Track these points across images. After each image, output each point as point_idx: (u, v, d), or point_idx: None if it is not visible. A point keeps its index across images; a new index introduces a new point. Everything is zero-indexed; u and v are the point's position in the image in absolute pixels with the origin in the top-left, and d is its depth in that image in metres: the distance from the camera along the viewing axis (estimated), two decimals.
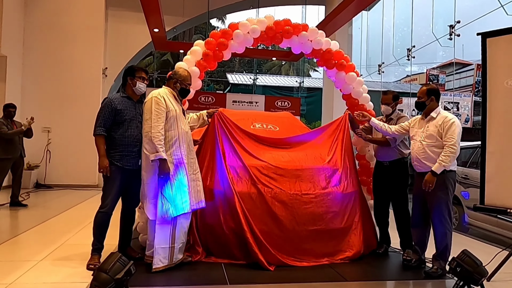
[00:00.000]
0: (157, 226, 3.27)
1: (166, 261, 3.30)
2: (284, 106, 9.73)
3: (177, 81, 3.49)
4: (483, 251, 3.79)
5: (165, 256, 3.29)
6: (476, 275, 2.90)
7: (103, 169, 3.33)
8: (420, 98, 3.62)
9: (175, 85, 3.49)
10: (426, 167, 3.48)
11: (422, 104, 3.61)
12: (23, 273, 3.17)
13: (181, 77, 3.50)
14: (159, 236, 3.27)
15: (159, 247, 3.27)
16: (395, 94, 4.14)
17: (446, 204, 3.44)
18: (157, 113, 3.21)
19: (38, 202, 6.88)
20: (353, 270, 3.58)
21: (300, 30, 4.40)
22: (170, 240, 3.31)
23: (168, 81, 3.52)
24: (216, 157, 3.73)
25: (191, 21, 11.33)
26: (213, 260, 3.59)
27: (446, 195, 3.44)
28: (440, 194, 3.43)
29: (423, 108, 3.62)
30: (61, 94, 9.11)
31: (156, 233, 3.27)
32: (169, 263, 3.32)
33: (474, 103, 17.62)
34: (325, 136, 4.24)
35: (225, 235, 3.56)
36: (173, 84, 3.49)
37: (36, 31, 9.08)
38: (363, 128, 4.29)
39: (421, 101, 3.61)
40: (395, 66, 13.93)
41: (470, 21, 9.54)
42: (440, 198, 3.43)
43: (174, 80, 3.49)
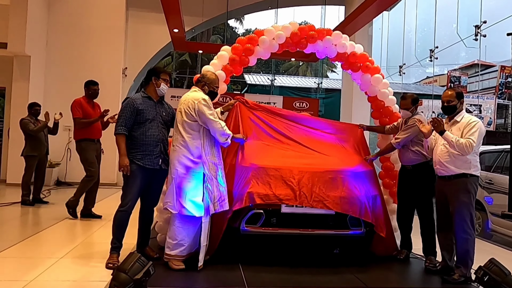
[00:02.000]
0: (203, 225, 3.32)
1: (202, 259, 3.37)
2: (303, 107, 9.65)
3: (205, 84, 3.55)
4: (507, 259, 3.65)
5: (204, 253, 3.38)
6: (504, 285, 2.80)
7: (123, 168, 3.35)
8: (451, 102, 3.53)
9: (203, 87, 3.54)
10: (449, 171, 3.43)
11: (453, 108, 3.53)
12: (43, 271, 3.21)
13: (209, 80, 3.56)
14: (204, 234, 3.34)
15: (203, 245, 3.34)
16: (414, 98, 4.06)
17: (467, 209, 3.36)
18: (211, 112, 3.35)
19: (58, 200, 6.98)
20: (373, 276, 3.51)
21: (324, 34, 4.39)
22: (208, 238, 3.40)
23: (197, 84, 3.58)
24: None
25: (209, 21, 11.37)
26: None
27: (468, 199, 3.37)
28: (462, 198, 3.36)
29: (453, 111, 3.54)
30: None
31: (202, 231, 3.32)
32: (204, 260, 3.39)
33: (498, 105, 17.16)
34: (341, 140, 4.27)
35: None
36: (201, 87, 3.54)
37: (59, 32, 9.28)
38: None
39: (452, 104, 3.52)
40: (415, 67, 13.67)
41: (496, 22, 9.26)
42: (461, 202, 3.37)
43: (202, 83, 3.55)
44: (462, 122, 3.45)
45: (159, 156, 3.47)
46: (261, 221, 3.48)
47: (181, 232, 3.35)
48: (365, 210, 3.60)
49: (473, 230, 3.40)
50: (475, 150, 3.37)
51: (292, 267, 3.56)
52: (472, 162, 3.39)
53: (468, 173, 3.37)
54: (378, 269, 3.73)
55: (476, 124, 3.36)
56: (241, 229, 3.49)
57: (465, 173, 3.38)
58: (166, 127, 3.61)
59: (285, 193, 3.49)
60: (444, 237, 3.61)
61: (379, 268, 3.75)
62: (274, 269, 3.47)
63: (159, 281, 3.00)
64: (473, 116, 3.47)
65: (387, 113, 4.66)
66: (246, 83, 19.21)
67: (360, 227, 3.63)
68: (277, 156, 3.81)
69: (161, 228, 3.94)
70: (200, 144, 3.33)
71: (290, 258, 3.77)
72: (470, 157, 3.37)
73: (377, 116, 4.77)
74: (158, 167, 3.47)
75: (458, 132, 3.41)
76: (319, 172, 3.63)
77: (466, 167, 3.37)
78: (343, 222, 3.59)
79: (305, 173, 3.58)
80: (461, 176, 3.39)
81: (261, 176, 3.54)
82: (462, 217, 3.35)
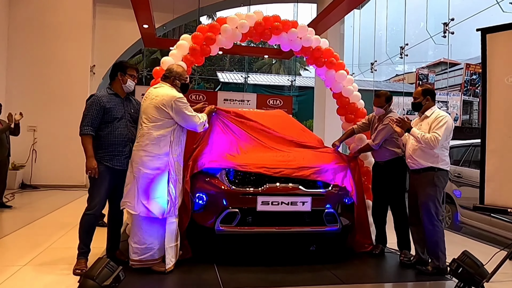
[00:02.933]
0: (167, 226, 3.21)
1: (173, 259, 3.26)
2: (276, 104, 9.63)
3: (175, 78, 3.41)
4: (477, 250, 3.73)
5: (173, 255, 3.26)
6: (477, 277, 2.84)
7: (91, 171, 3.17)
8: (416, 98, 3.62)
9: (174, 82, 3.40)
10: (418, 164, 3.50)
11: (419, 105, 3.61)
12: (4, 280, 3.00)
13: (178, 74, 3.42)
14: (169, 235, 3.22)
15: (169, 247, 3.22)
16: (388, 96, 4.08)
17: (433, 202, 3.42)
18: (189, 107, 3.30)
19: (23, 203, 6.66)
20: (350, 272, 3.50)
21: (289, 26, 4.33)
22: (175, 238, 3.28)
23: (165, 80, 3.42)
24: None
25: (181, 18, 11.17)
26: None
27: (434, 192, 3.43)
28: (428, 191, 3.44)
29: (419, 108, 3.62)
30: (47, 92, 8.88)
31: (166, 232, 3.21)
32: (175, 261, 3.28)
33: (463, 102, 17.78)
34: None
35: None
36: (171, 82, 3.40)
37: (21, 28, 8.85)
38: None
39: (417, 101, 3.61)
40: (386, 64, 13.95)
41: (464, 19, 9.56)
42: (427, 195, 3.43)
43: (171, 78, 3.41)
44: (431, 117, 3.51)
45: (129, 157, 3.31)
46: (237, 220, 3.40)
47: (150, 234, 3.21)
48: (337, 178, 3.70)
49: (440, 222, 3.46)
50: (443, 144, 3.43)
51: (268, 266, 3.51)
52: (440, 156, 3.45)
53: (436, 167, 3.43)
54: (354, 264, 3.73)
55: (443, 119, 3.41)
56: (216, 229, 3.39)
57: (432, 167, 3.44)
58: (135, 125, 3.41)
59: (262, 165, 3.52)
60: (415, 230, 3.67)
61: (355, 263, 3.76)
62: (250, 269, 3.40)
63: (130, 286, 2.86)
64: (443, 112, 3.53)
65: (352, 110, 4.67)
66: (219, 81, 19.06)
67: (336, 223, 3.61)
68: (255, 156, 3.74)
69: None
70: (169, 143, 3.22)
71: (266, 257, 3.72)
72: (438, 151, 3.42)
73: (343, 112, 4.78)
74: (127, 168, 3.31)
75: (427, 126, 3.48)
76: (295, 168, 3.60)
77: (434, 161, 3.43)
78: (319, 219, 3.56)
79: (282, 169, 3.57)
80: (429, 169, 3.46)
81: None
82: (428, 210, 3.42)
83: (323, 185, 3.66)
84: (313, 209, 3.52)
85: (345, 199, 3.73)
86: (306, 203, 3.51)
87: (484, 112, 3.57)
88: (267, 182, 3.51)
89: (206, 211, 3.45)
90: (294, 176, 3.55)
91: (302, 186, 3.56)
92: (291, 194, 3.51)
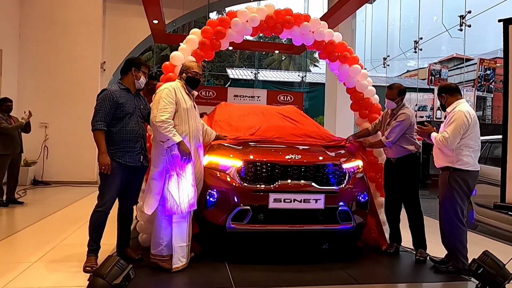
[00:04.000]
0: (175, 224, 3.15)
1: (184, 260, 3.21)
2: (287, 100, 9.54)
3: (183, 71, 3.37)
4: (496, 250, 3.60)
5: (183, 255, 3.20)
6: (499, 278, 2.73)
7: (104, 167, 3.11)
8: (439, 100, 3.61)
9: (181, 75, 3.36)
10: (438, 164, 3.44)
11: (442, 106, 3.58)
12: (15, 276, 2.99)
13: (186, 67, 3.38)
14: (177, 234, 3.16)
15: (178, 246, 3.16)
16: (401, 89, 3.94)
17: (451, 202, 3.32)
18: (164, 103, 3.11)
19: (35, 200, 6.70)
20: (364, 272, 3.41)
21: (301, 20, 4.21)
22: (187, 238, 3.22)
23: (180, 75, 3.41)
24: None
25: (190, 14, 11.11)
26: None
27: (450, 193, 3.33)
28: (445, 192, 3.36)
29: (444, 108, 3.56)
30: (58, 89, 8.92)
31: (174, 231, 3.15)
32: (187, 261, 3.23)
33: (477, 97, 17.45)
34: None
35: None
36: (180, 76, 3.37)
37: (33, 25, 8.90)
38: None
39: (441, 102, 3.59)
40: (398, 60, 13.72)
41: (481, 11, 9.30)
42: (444, 196, 3.36)
43: (180, 71, 3.39)
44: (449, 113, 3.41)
45: (141, 153, 3.28)
46: (248, 217, 3.33)
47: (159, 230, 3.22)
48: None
49: (461, 223, 3.33)
50: (465, 143, 3.28)
51: (280, 264, 3.44)
52: (456, 155, 3.30)
53: (452, 167, 3.31)
54: (368, 264, 3.64)
55: (453, 116, 3.29)
56: (227, 226, 3.33)
57: (448, 167, 3.34)
58: (144, 121, 3.40)
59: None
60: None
61: (369, 263, 3.67)
62: (261, 267, 3.34)
63: (141, 285, 2.82)
64: (461, 106, 3.32)
65: (367, 105, 4.53)
66: (229, 78, 19.00)
67: (350, 221, 3.52)
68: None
69: (142, 227, 3.74)
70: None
71: (278, 255, 3.66)
72: (457, 150, 3.29)
73: (356, 108, 4.66)
74: (140, 164, 3.28)
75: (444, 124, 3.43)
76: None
77: (450, 161, 3.32)
78: (332, 217, 3.48)
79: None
80: (445, 169, 3.38)
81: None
82: (445, 210, 3.34)
83: (336, 182, 3.57)
84: (326, 206, 3.44)
85: (359, 196, 3.63)
86: (319, 200, 3.42)
87: (506, 107, 3.44)
88: (279, 179, 3.43)
89: (217, 208, 3.39)
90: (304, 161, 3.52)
91: (315, 183, 3.47)
92: (304, 191, 3.43)
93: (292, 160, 3.51)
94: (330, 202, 3.45)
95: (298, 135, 4.12)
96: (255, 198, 3.35)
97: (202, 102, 9.54)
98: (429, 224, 4.02)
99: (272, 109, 4.95)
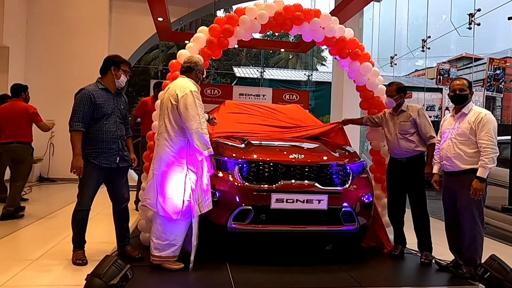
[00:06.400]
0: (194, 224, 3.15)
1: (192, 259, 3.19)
2: (292, 99, 9.46)
3: (199, 71, 3.30)
4: (504, 253, 3.54)
5: (194, 254, 3.19)
6: (506, 283, 2.66)
7: (76, 170, 3.10)
8: (463, 90, 3.33)
9: (197, 75, 3.29)
10: (456, 167, 3.28)
11: (465, 97, 3.33)
12: (15, 274, 2.98)
13: (201, 66, 3.32)
14: (195, 233, 3.16)
15: (194, 245, 3.16)
16: (400, 87, 3.87)
17: (476, 206, 3.20)
18: (201, 108, 3.08)
19: (40, 197, 6.72)
20: (367, 274, 3.36)
21: (311, 16, 4.12)
22: (196, 237, 3.19)
23: (190, 73, 3.28)
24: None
25: (196, 12, 11.05)
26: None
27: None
28: (470, 195, 3.18)
29: (464, 101, 3.33)
30: (65, 86, 8.90)
31: (193, 230, 3.14)
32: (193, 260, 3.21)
33: (486, 97, 17.20)
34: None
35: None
36: (195, 75, 3.28)
37: (39, 22, 8.94)
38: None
39: (465, 93, 3.33)
40: (406, 59, 13.57)
41: (488, 11, 9.15)
42: (470, 199, 3.19)
43: (195, 70, 3.28)
44: (470, 115, 3.26)
45: (117, 154, 3.25)
46: (250, 218, 3.29)
47: (172, 231, 3.14)
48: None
49: (483, 228, 3.25)
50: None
51: (282, 265, 3.39)
52: (478, 157, 3.20)
53: (476, 169, 3.19)
54: (372, 266, 3.58)
55: (487, 121, 3.16)
56: (228, 226, 3.29)
57: (472, 169, 3.19)
58: (124, 121, 3.37)
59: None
60: (452, 235, 3.45)
61: (373, 265, 3.61)
62: (263, 269, 3.29)
63: (139, 285, 2.79)
64: (482, 109, 3.26)
65: (377, 104, 4.45)
66: (236, 76, 18.95)
67: (354, 222, 3.46)
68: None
69: (143, 226, 3.72)
70: (185, 141, 3.10)
71: (280, 256, 3.61)
72: (478, 152, 3.19)
73: (366, 106, 4.58)
74: (116, 166, 3.26)
75: (467, 126, 3.24)
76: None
77: (473, 163, 3.19)
78: (336, 218, 3.41)
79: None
80: (469, 172, 3.21)
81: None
82: (470, 214, 3.20)
83: (340, 183, 3.50)
84: (330, 207, 3.37)
85: (363, 197, 3.56)
86: (322, 201, 3.36)
87: None
88: (282, 178, 3.38)
89: (219, 208, 3.34)
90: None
91: (318, 183, 3.41)
92: (307, 191, 3.37)
93: (295, 160, 3.46)
94: (333, 202, 3.39)
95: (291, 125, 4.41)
96: (257, 198, 3.30)
97: (207, 101, 9.49)
98: (434, 226, 3.94)
99: (274, 107, 4.99)
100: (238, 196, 3.30)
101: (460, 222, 3.29)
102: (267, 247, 3.78)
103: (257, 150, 3.59)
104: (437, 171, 3.52)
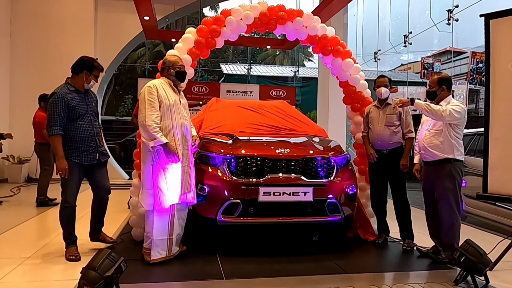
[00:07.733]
0: (155, 218, 3.21)
1: (164, 253, 3.28)
2: (279, 95, 9.58)
3: (169, 67, 3.39)
4: (482, 239, 3.72)
5: (163, 248, 3.27)
6: (480, 266, 2.81)
7: (62, 171, 3.22)
8: (431, 87, 3.54)
9: (169, 71, 3.39)
10: (434, 156, 3.43)
11: (433, 94, 3.53)
12: (8, 272, 3.04)
13: (170, 63, 3.41)
14: (158, 227, 3.23)
15: (157, 239, 3.23)
16: (389, 78, 4.09)
17: (453, 194, 3.36)
18: (150, 102, 3.16)
19: (28, 197, 6.71)
20: (352, 262, 3.49)
21: (294, 16, 4.28)
22: (168, 231, 3.27)
23: (162, 72, 3.45)
24: None
25: (183, 10, 11.07)
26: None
27: (453, 185, 3.37)
28: (446, 183, 3.36)
29: (434, 97, 3.54)
30: (51, 86, 8.62)
31: (155, 224, 3.21)
32: (167, 255, 3.29)
33: (469, 90, 17.55)
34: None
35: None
36: (166, 72, 3.40)
37: (23, 22, 8.86)
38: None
39: (432, 90, 3.53)
40: (390, 54, 13.80)
41: (467, 6, 9.38)
42: (446, 188, 3.36)
43: (166, 68, 3.41)
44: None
45: (96, 151, 3.40)
46: (238, 211, 3.40)
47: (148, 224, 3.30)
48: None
49: (459, 215, 3.40)
50: (459, 133, 3.38)
51: (271, 256, 3.52)
52: (456, 146, 3.38)
53: (452, 158, 3.37)
54: (357, 254, 3.73)
55: (459, 104, 3.35)
56: (218, 220, 3.40)
57: (449, 158, 3.37)
58: (97, 117, 3.52)
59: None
60: (433, 224, 3.61)
61: (358, 253, 3.75)
62: (252, 259, 3.41)
63: (132, 276, 2.89)
64: (459, 102, 3.43)
65: (359, 99, 4.61)
66: (223, 73, 18.98)
67: (339, 213, 3.60)
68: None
69: (135, 222, 3.81)
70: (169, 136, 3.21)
71: (269, 248, 3.72)
72: (454, 141, 3.37)
73: (349, 101, 4.73)
74: (96, 162, 3.41)
75: None
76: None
77: (450, 152, 3.37)
78: (321, 209, 3.55)
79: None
80: (445, 161, 3.38)
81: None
82: (447, 203, 3.36)
83: (325, 175, 3.64)
84: (315, 199, 3.51)
85: (348, 188, 3.71)
86: (307, 193, 3.50)
87: (488, 100, 3.51)
88: (269, 172, 3.50)
89: (208, 202, 3.45)
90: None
91: (304, 176, 3.54)
92: (293, 184, 3.50)
93: (282, 154, 3.58)
94: (318, 194, 3.53)
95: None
96: (245, 192, 3.42)
97: (195, 98, 9.55)
98: (416, 216, 4.11)
99: (261, 104, 5.07)
100: (226, 190, 3.41)
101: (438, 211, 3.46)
102: (256, 239, 3.90)
103: (245, 145, 3.70)
104: (417, 161, 3.67)
